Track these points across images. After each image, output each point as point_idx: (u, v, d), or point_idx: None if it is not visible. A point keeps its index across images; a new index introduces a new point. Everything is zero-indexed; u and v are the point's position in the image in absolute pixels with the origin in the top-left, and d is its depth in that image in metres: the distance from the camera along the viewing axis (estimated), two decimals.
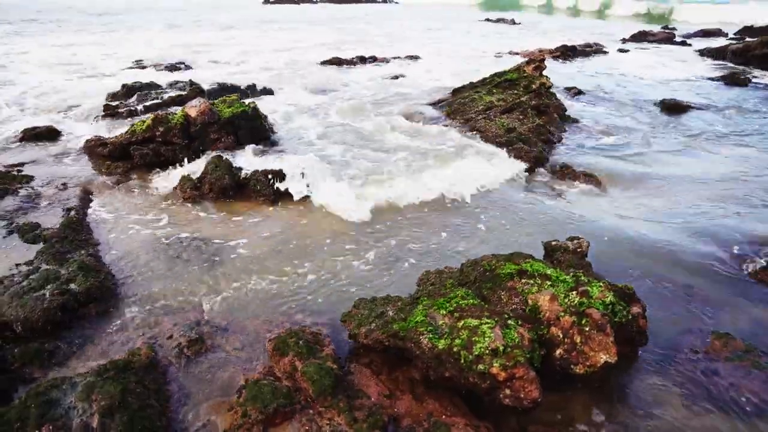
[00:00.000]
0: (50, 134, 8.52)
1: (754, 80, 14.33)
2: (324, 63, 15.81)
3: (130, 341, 3.83)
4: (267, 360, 3.61)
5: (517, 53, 18.61)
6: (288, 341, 3.59)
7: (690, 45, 23.14)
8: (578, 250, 4.44)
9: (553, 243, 4.58)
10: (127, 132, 7.77)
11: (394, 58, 16.92)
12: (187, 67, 14.64)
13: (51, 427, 2.97)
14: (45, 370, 3.54)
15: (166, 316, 4.10)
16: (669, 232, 5.45)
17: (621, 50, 20.95)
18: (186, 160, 7.29)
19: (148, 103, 9.71)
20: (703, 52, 20.23)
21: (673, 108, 11.05)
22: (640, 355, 3.73)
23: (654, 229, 5.54)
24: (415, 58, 16.90)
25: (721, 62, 18.24)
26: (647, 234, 5.39)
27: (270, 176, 6.43)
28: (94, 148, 7.76)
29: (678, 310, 4.22)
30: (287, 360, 3.46)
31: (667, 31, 25.28)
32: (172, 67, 14.42)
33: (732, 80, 14.07)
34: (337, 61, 15.89)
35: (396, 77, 13.68)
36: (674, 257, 4.96)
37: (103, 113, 9.55)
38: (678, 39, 24.58)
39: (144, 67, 14.61)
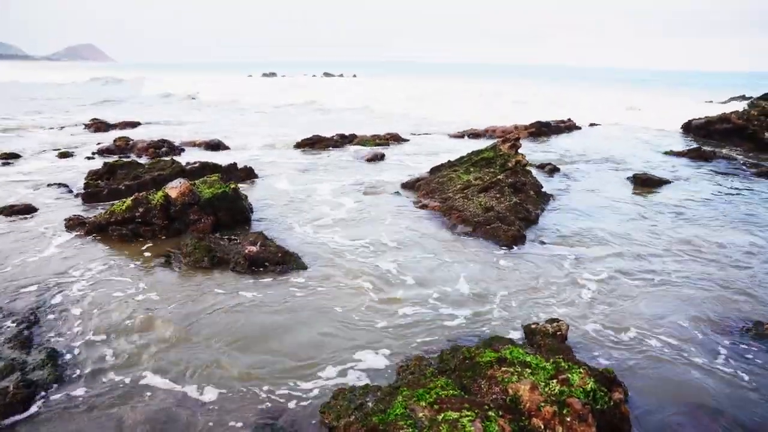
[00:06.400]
0: (28, 211, 8.51)
1: (717, 154, 15.02)
2: (304, 141, 15.93)
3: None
4: None
5: (494, 129, 19.33)
6: None
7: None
8: (558, 333, 4.43)
9: (533, 326, 4.58)
10: (106, 212, 7.77)
11: (374, 136, 17.22)
12: (170, 146, 14.75)
13: None
14: None
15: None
16: None
17: (592, 124, 21.99)
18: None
19: (129, 182, 9.74)
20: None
21: (645, 182, 11.46)
22: None
23: None
24: (396, 138, 17.30)
25: (685, 136, 19.28)
26: None
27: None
28: (74, 227, 7.72)
29: None
30: None
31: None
32: (156, 146, 14.55)
33: (698, 155, 14.72)
34: (317, 139, 16.07)
35: (376, 158, 13.85)
36: None
37: (83, 191, 9.55)
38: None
39: (128, 143, 14.71)
